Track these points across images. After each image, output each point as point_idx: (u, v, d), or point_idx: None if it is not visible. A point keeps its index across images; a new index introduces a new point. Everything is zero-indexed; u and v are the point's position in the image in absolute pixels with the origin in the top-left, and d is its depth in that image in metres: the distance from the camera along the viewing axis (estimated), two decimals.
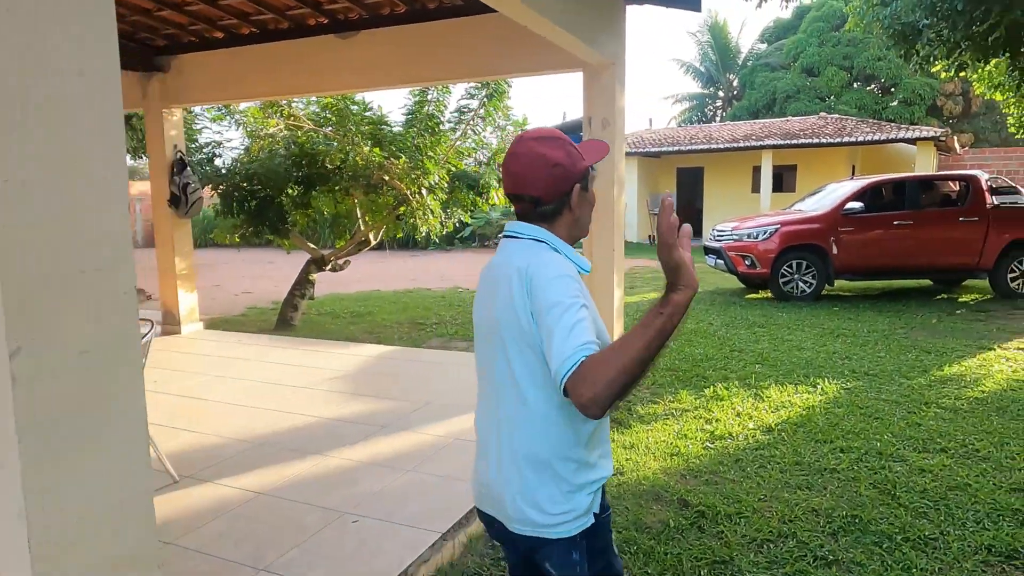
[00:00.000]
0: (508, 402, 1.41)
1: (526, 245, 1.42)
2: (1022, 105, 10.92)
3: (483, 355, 1.50)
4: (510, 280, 1.37)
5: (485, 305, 1.48)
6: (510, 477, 1.40)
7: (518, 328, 1.35)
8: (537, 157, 1.41)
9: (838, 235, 9.01)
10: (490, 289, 1.46)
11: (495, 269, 1.46)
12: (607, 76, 4.69)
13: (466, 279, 12.70)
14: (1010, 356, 5.92)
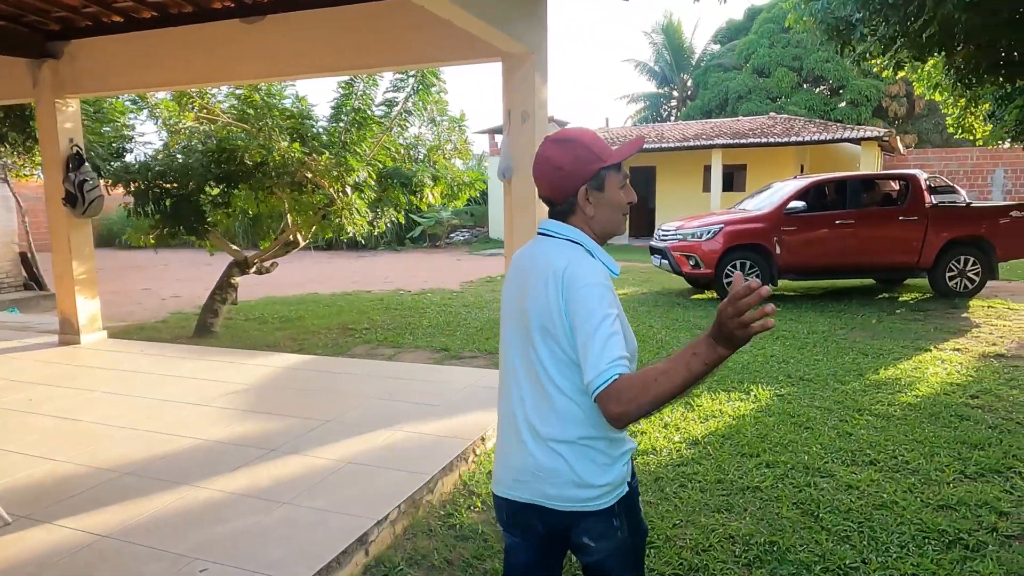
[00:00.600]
0: (538, 387, 1.48)
1: (562, 245, 1.50)
2: (960, 105, 11.04)
3: (509, 341, 1.55)
4: (546, 278, 1.44)
5: (514, 295, 1.54)
6: (546, 458, 1.46)
7: (550, 323, 1.43)
8: (544, 160, 1.52)
9: (781, 235, 8.92)
10: (520, 279, 1.52)
11: (527, 260, 1.54)
12: (527, 67, 4.38)
13: (409, 281, 12.29)
14: (945, 357, 5.83)
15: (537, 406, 1.48)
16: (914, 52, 7.28)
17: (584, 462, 1.46)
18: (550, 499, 1.47)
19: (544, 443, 1.47)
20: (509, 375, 1.56)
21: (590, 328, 1.35)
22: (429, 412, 4.11)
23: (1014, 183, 19.69)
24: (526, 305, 1.48)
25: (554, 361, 1.45)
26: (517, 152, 4.45)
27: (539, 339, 1.45)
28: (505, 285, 1.61)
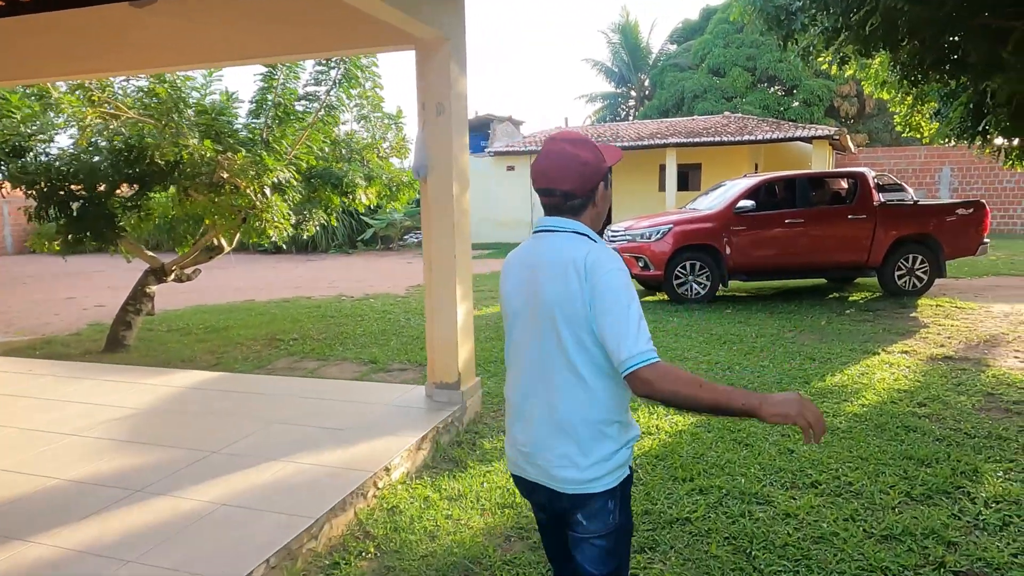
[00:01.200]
0: (557, 375, 1.56)
1: (570, 238, 1.58)
2: (907, 103, 11.01)
3: (523, 333, 1.64)
4: (566, 269, 1.52)
5: (523, 290, 1.62)
6: (558, 441, 1.57)
7: (573, 313, 1.51)
8: (571, 156, 1.59)
9: (731, 235, 8.70)
10: (529, 275, 1.61)
11: (534, 257, 1.62)
12: (441, 54, 3.97)
13: (354, 286, 11.76)
14: (893, 361, 5.62)
15: (557, 393, 1.57)
16: (859, 47, 7.10)
17: (600, 445, 1.56)
18: (558, 482, 1.58)
19: (561, 427, 1.56)
20: (522, 365, 1.64)
21: (621, 308, 1.46)
22: (333, 438, 3.68)
23: (960, 181, 20.07)
24: (544, 298, 1.55)
25: (579, 348, 1.53)
26: (433, 148, 4.05)
27: (564, 328, 1.53)
28: (508, 283, 1.70)
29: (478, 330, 7.23)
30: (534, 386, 1.62)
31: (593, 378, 1.54)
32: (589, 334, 1.51)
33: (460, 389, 4.19)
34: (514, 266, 1.71)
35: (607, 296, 1.47)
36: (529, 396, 1.63)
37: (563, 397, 1.56)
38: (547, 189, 1.62)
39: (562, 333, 1.53)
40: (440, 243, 4.12)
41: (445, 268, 4.12)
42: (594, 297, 1.48)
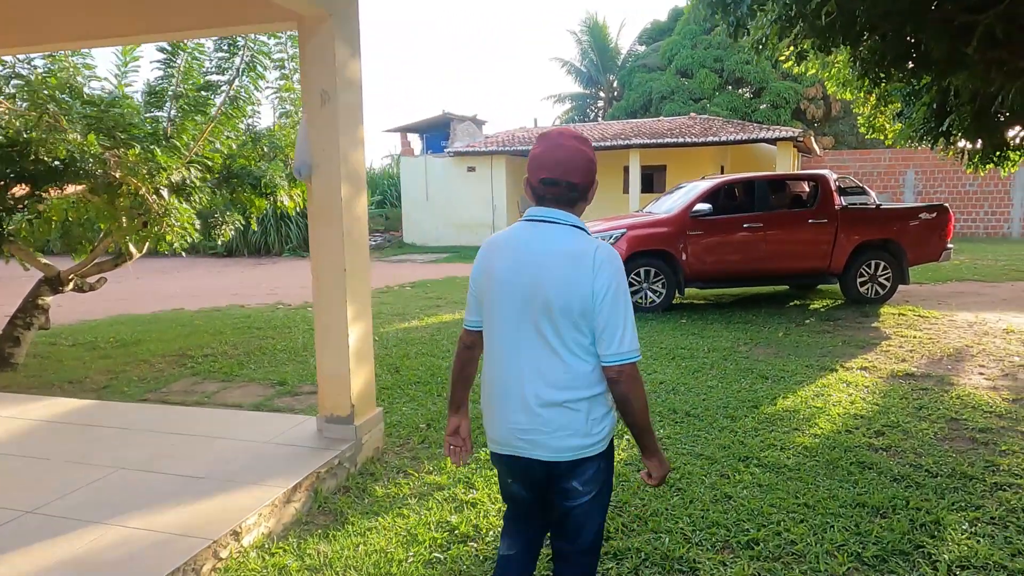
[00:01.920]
0: (549, 357, 1.70)
1: (573, 231, 1.72)
2: (870, 104, 10.70)
3: (512, 317, 1.73)
4: (578, 260, 1.66)
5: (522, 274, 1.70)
6: (556, 414, 1.71)
7: (578, 299, 1.66)
8: (581, 152, 1.72)
9: (687, 240, 8.23)
10: (533, 261, 1.70)
11: (543, 245, 1.70)
12: (322, 33, 3.38)
13: (296, 293, 11.06)
14: (851, 379, 5.16)
15: (554, 375, 1.70)
16: (816, 40, 6.69)
17: (594, 414, 1.73)
18: (559, 451, 1.72)
19: (558, 403, 1.70)
20: (515, 347, 1.74)
21: (623, 307, 1.68)
22: (184, 489, 3.06)
23: (924, 184, 20.01)
24: (548, 283, 1.67)
25: (575, 331, 1.69)
26: (317, 144, 3.45)
27: (561, 315, 1.67)
28: (496, 265, 1.76)
29: (417, 344, 6.63)
30: (524, 364, 1.72)
31: (585, 356, 1.70)
32: (586, 320, 1.66)
33: (353, 424, 3.60)
34: (504, 249, 1.77)
35: (610, 292, 1.64)
36: (519, 374, 1.72)
37: (559, 373, 1.69)
38: (555, 180, 1.70)
39: (559, 317, 1.66)
40: (327, 256, 3.53)
41: (333, 285, 3.53)
42: (601, 291, 1.64)
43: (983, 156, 9.75)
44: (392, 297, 10.26)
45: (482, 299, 1.84)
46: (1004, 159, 10.01)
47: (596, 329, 1.67)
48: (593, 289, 1.65)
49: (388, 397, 4.94)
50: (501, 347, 1.78)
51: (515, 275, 1.72)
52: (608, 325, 1.65)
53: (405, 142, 19.35)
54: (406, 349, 6.43)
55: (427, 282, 11.98)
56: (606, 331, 1.66)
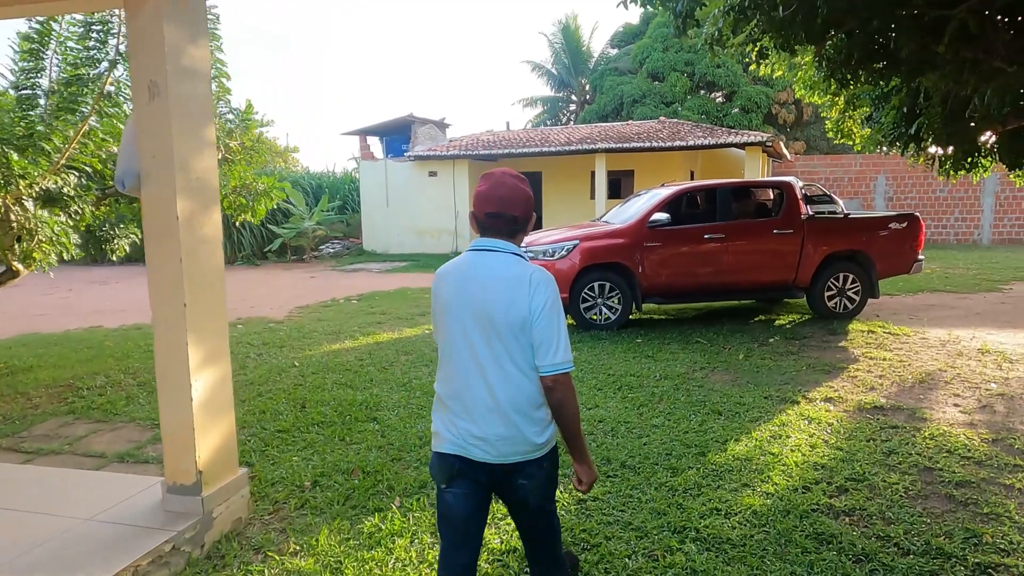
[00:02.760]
0: (501, 368, 1.91)
1: (512, 258, 1.95)
2: (838, 107, 10.25)
3: (464, 334, 1.93)
4: (516, 284, 1.89)
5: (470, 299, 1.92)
6: (506, 421, 1.91)
7: (518, 318, 1.88)
8: (520, 190, 1.97)
9: (644, 252, 7.64)
10: (478, 287, 1.92)
11: (474, 271, 1.94)
12: (148, 12, 2.69)
13: (233, 307, 10.21)
14: (814, 414, 4.58)
15: (503, 387, 1.90)
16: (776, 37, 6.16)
17: (538, 425, 1.95)
18: (504, 456, 1.93)
19: (508, 415, 1.91)
20: (467, 363, 1.93)
21: (556, 323, 1.90)
22: None
23: (895, 190, 19.76)
24: (493, 306, 1.89)
25: (520, 350, 1.90)
26: (146, 147, 2.76)
27: (507, 332, 1.89)
28: (446, 291, 1.98)
29: (339, 371, 5.91)
30: (477, 378, 1.92)
31: (529, 371, 1.92)
32: (526, 336, 1.90)
33: (200, 495, 2.90)
34: (453, 276, 1.99)
35: (546, 309, 1.89)
36: (472, 386, 1.93)
37: (507, 385, 1.91)
38: (499, 213, 1.94)
39: (505, 334, 1.90)
40: (162, 286, 2.83)
41: (170, 322, 2.83)
42: (537, 309, 1.88)
43: (954, 162, 9.33)
44: (333, 312, 9.53)
45: (437, 323, 2.03)
46: (975, 165, 9.61)
47: (534, 343, 1.89)
48: (530, 307, 1.88)
49: (281, 443, 4.24)
50: (454, 364, 1.96)
51: (464, 299, 1.93)
52: (544, 339, 1.88)
53: (364, 145, 18.57)
54: (324, 379, 5.72)
55: (377, 295, 11.26)
56: (543, 345, 1.88)
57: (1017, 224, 19.06)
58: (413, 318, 8.82)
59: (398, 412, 4.75)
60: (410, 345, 7.08)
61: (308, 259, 17.37)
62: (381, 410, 4.81)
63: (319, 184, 20.93)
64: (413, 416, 4.66)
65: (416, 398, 5.09)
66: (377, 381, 5.60)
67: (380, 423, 4.53)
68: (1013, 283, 11.34)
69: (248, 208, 7.10)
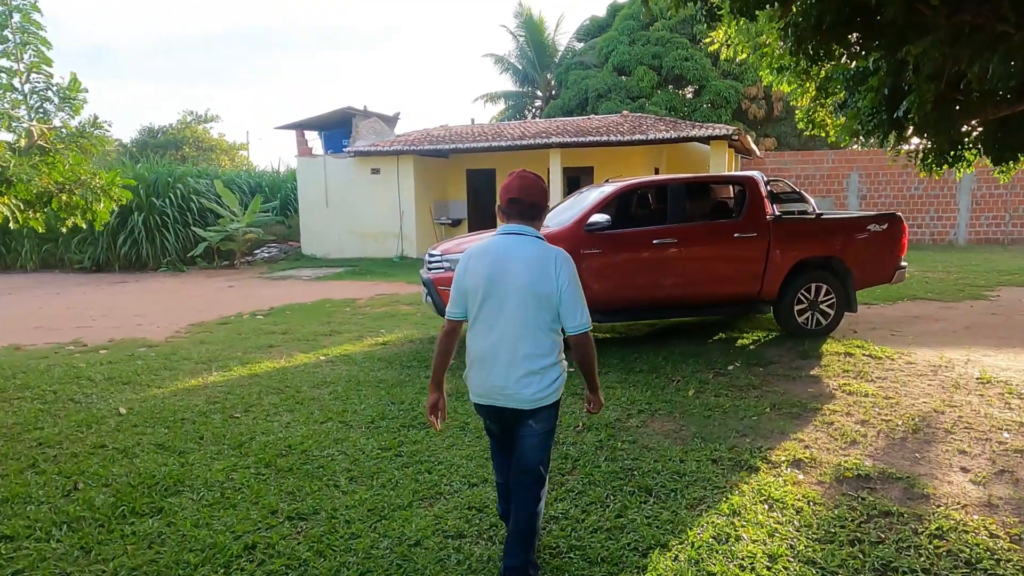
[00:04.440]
0: (526, 330, 2.38)
1: (537, 241, 2.45)
2: (808, 94, 9.09)
3: (497, 302, 2.39)
4: (542, 260, 2.37)
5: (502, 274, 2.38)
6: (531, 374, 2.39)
7: (546, 290, 2.36)
8: (537, 183, 2.51)
9: (580, 260, 6.34)
10: (510, 264, 2.38)
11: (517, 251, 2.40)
12: None
13: (119, 324, 8.73)
14: (776, 493, 3.32)
15: (531, 343, 2.39)
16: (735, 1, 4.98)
17: (550, 373, 2.43)
18: (526, 401, 2.41)
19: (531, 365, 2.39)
20: (501, 326, 2.39)
21: (577, 293, 2.41)
22: None
23: (869, 188, 18.82)
24: (523, 280, 2.35)
25: (544, 313, 2.38)
26: None
27: (534, 300, 2.36)
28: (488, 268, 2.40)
29: (169, 425, 4.41)
30: (509, 337, 2.38)
31: (550, 332, 2.42)
32: (550, 305, 2.38)
33: None
34: (490, 256, 2.42)
35: (570, 282, 2.38)
36: (500, 345, 2.39)
37: (531, 344, 2.38)
38: (519, 199, 2.44)
39: (533, 304, 2.36)
40: None
41: None
42: (563, 285, 2.36)
43: (937, 156, 8.25)
44: (226, 332, 8.11)
45: (468, 294, 2.45)
46: (959, 159, 8.54)
47: (561, 310, 2.39)
48: (557, 283, 2.36)
49: None
50: (488, 328, 2.42)
51: (502, 274, 2.38)
52: (569, 307, 2.39)
53: (302, 140, 17.05)
54: (140, 436, 4.34)
55: (290, 308, 9.84)
56: (569, 311, 2.40)
57: (993, 223, 18.25)
58: (315, 339, 7.44)
59: (204, 497, 3.39)
60: (291, 379, 5.72)
61: (239, 265, 15.83)
62: (182, 492, 3.45)
63: (258, 183, 19.39)
64: (223, 505, 3.30)
65: (246, 469, 3.74)
66: (208, 439, 4.23)
67: (165, 517, 3.17)
68: (999, 289, 10.32)
69: (83, 208, 5.68)
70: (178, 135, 27.94)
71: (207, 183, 17.16)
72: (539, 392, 2.39)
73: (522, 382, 2.38)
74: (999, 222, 18.20)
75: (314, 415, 4.71)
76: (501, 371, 2.39)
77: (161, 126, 27.92)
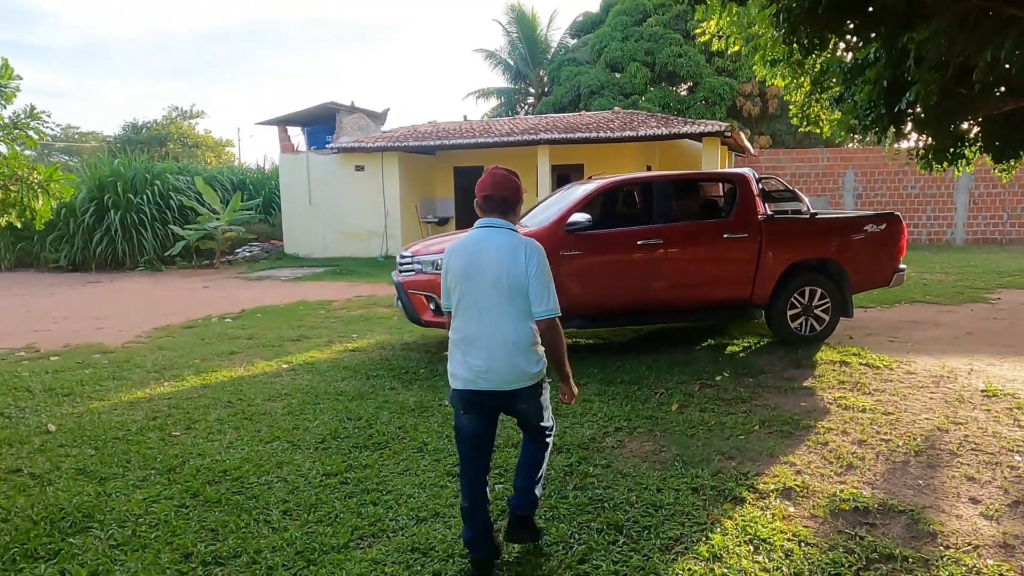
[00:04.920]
0: (504, 315, 2.54)
1: (509, 232, 2.60)
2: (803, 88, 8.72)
3: (476, 291, 2.55)
4: (516, 252, 2.52)
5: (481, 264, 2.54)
6: (513, 356, 2.54)
7: (518, 278, 2.51)
8: (508, 178, 2.66)
9: (560, 262, 5.94)
10: (487, 254, 2.54)
11: (492, 243, 2.56)
12: None
13: (79, 327, 8.30)
14: (763, 532, 2.92)
15: (508, 328, 2.53)
16: None
17: (533, 354, 2.58)
18: (509, 383, 2.55)
19: (513, 349, 2.54)
20: (482, 311, 2.55)
21: (546, 281, 2.55)
22: None
23: (864, 187, 18.47)
24: (499, 268, 2.51)
25: (520, 300, 2.53)
26: None
27: (510, 288, 2.51)
28: (467, 259, 2.57)
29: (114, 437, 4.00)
30: (487, 323, 2.53)
31: (526, 317, 2.56)
32: (523, 292, 2.53)
33: None
34: (468, 248, 2.59)
35: (540, 271, 2.53)
36: (482, 330, 2.54)
37: (511, 328, 2.54)
38: (491, 195, 2.61)
39: (509, 289, 2.52)
40: None
41: None
42: (532, 272, 2.51)
43: (936, 153, 7.87)
44: (189, 336, 7.68)
45: (451, 286, 2.61)
46: (959, 157, 8.17)
47: (530, 296, 2.53)
48: (527, 271, 2.51)
49: None
50: (472, 312, 2.56)
51: (480, 264, 2.54)
52: (537, 293, 2.53)
53: (284, 136, 16.59)
54: (63, 458, 3.92)
55: (262, 311, 9.41)
56: (536, 297, 2.54)
57: (991, 223, 17.91)
58: (281, 345, 7.02)
59: (113, 535, 2.97)
60: (245, 390, 5.30)
61: (218, 264, 15.37)
62: (89, 530, 3.04)
63: (242, 180, 18.92)
64: (131, 546, 2.88)
65: (169, 500, 3.32)
66: (136, 463, 3.82)
67: (60, 563, 2.75)
68: (999, 291, 9.96)
69: (21, 207, 5.25)
70: (162, 131, 27.42)
71: (188, 180, 16.70)
72: (521, 373, 2.54)
73: (503, 365, 2.51)
74: (997, 222, 17.87)
75: (261, 433, 4.29)
76: (483, 355, 2.52)
77: (145, 122, 27.40)
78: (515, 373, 2.53)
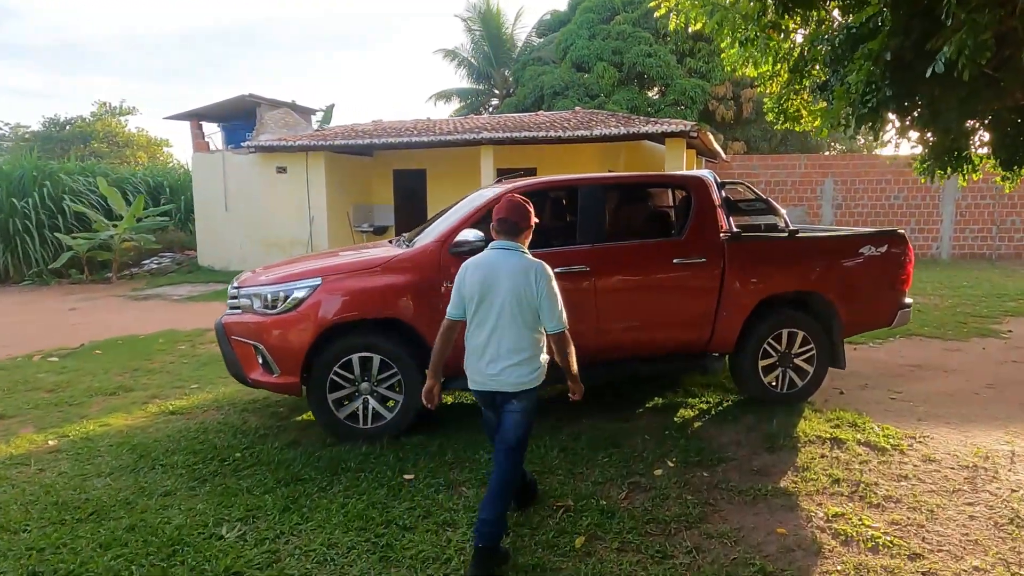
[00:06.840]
0: (513, 330, 2.84)
1: (519, 254, 2.91)
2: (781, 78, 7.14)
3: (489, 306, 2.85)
4: (527, 272, 2.83)
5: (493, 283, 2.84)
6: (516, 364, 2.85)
7: (528, 296, 2.82)
8: (520, 205, 2.96)
9: (440, 297, 4.20)
10: (500, 275, 2.84)
11: (496, 265, 2.87)
12: None
13: None
14: None
15: (515, 338, 2.84)
16: None
17: (533, 362, 2.88)
18: (511, 385, 2.85)
19: (517, 357, 2.84)
20: (496, 323, 2.84)
21: (555, 299, 2.85)
22: None
23: (844, 196, 17.04)
24: (509, 287, 2.81)
25: (527, 315, 2.83)
26: None
27: (518, 304, 2.82)
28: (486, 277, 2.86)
29: None
30: (498, 334, 2.84)
31: (531, 330, 2.86)
32: (532, 309, 2.83)
33: None
34: (486, 268, 2.88)
35: (549, 290, 2.83)
36: (491, 340, 2.85)
37: (517, 339, 2.84)
38: (507, 219, 2.92)
39: (517, 307, 2.82)
40: None
41: None
42: (541, 291, 2.82)
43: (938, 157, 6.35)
44: None
45: (466, 299, 2.90)
46: (965, 162, 6.65)
47: (541, 314, 2.84)
48: (537, 292, 2.82)
49: None
50: (481, 326, 2.87)
51: (497, 282, 2.83)
52: (547, 312, 2.84)
53: (198, 132, 14.64)
54: None
55: (111, 344, 7.51)
56: (548, 315, 2.84)
57: (979, 236, 16.59)
58: (84, 402, 5.17)
59: None
60: None
61: (115, 279, 13.35)
62: None
63: (160, 182, 16.92)
64: None
65: None
66: None
67: None
68: (1006, 320, 8.46)
69: None
70: (88, 128, 25.19)
71: (90, 181, 14.68)
72: (521, 378, 2.85)
73: (507, 371, 2.83)
74: (986, 235, 16.54)
75: None
76: (492, 361, 2.85)
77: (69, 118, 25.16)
78: (518, 378, 2.84)
